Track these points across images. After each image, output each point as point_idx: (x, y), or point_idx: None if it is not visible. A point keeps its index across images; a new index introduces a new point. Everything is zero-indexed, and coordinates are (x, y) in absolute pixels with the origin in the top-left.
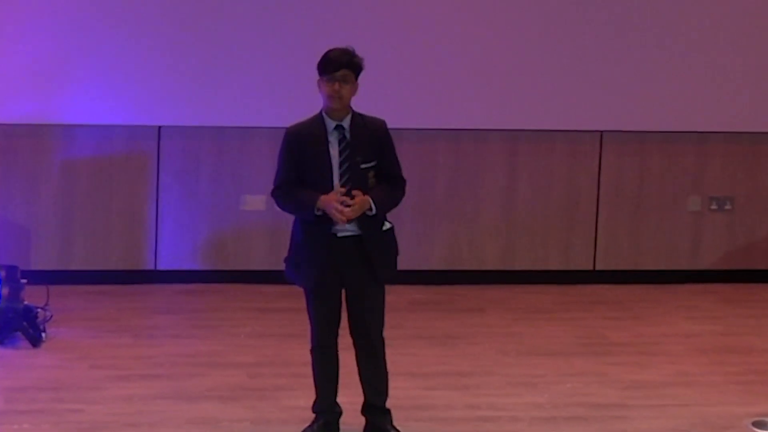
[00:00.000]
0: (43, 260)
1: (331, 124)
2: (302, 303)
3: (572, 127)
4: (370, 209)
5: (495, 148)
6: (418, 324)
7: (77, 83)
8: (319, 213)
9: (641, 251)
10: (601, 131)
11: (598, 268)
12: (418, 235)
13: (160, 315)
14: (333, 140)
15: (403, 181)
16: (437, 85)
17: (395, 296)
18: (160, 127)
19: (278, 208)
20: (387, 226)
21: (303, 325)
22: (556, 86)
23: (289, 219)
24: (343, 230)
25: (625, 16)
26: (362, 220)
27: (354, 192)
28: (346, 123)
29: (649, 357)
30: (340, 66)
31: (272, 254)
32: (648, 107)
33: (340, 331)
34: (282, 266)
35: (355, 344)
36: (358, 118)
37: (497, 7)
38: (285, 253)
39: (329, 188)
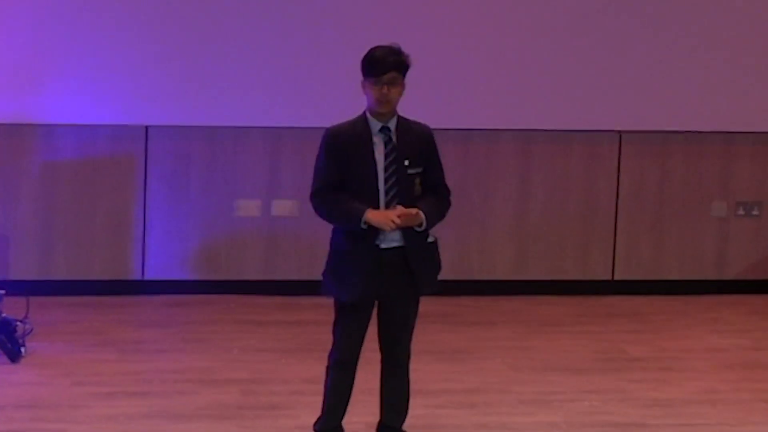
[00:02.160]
0: (22, 270)
1: (376, 125)
2: (299, 315)
3: (590, 127)
4: (420, 225)
5: (507, 149)
6: (424, 338)
7: (59, 80)
8: (365, 227)
9: (663, 260)
10: (621, 131)
11: (617, 277)
12: None
13: (148, 328)
14: (378, 142)
15: (449, 192)
16: (445, 82)
17: None
18: (147, 127)
19: (318, 215)
20: (431, 239)
21: (300, 339)
22: (573, 83)
23: (286, 226)
24: (387, 242)
25: (646, 10)
26: (406, 231)
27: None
28: (391, 125)
29: (672, 373)
30: (387, 68)
31: (268, 263)
32: (670, 106)
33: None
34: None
35: (382, 359)
36: (403, 122)
37: (509, 0)
38: (281, 262)
39: (373, 193)
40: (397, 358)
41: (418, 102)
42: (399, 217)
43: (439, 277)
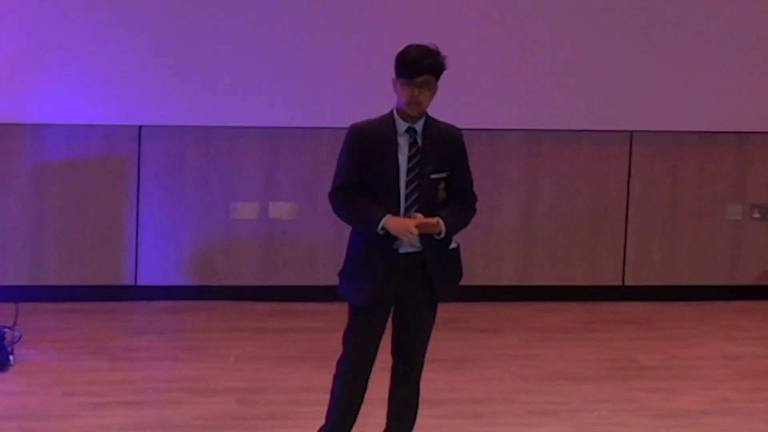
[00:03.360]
0: (10, 275)
1: (402, 125)
2: (298, 322)
3: (599, 127)
4: (439, 232)
5: (513, 149)
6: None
7: (48, 78)
8: (382, 233)
9: (675, 265)
10: (631, 131)
11: (627, 283)
12: None
13: (141, 335)
14: (403, 143)
15: (475, 198)
16: (448, 80)
17: None
18: (140, 127)
19: (336, 215)
20: (453, 245)
21: (299, 346)
22: (581, 81)
23: (284, 229)
24: (405, 246)
25: (657, 6)
26: (425, 237)
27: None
28: (418, 126)
29: (685, 382)
30: (421, 71)
31: (265, 268)
32: (683, 104)
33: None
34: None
35: (393, 366)
36: (432, 123)
37: None
38: (278, 267)
39: (394, 196)
40: (410, 366)
41: None
42: (417, 227)
43: None
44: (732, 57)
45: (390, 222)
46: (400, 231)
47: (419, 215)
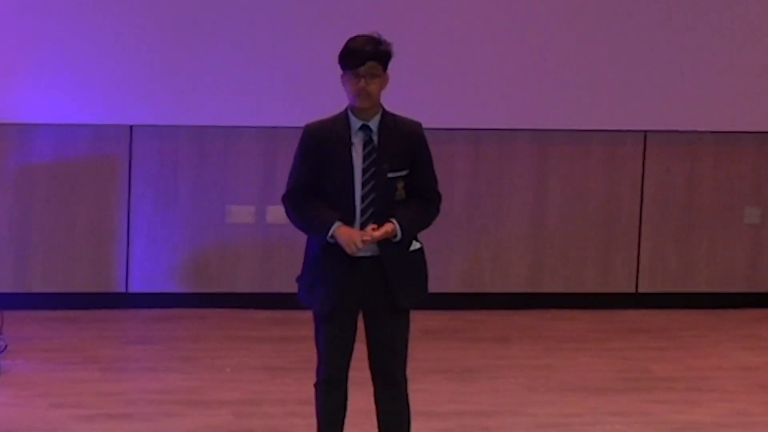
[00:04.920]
0: None
1: (356, 123)
2: (296, 330)
3: (611, 127)
4: (395, 236)
5: (522, 150)
6: (432, 355)
7: (35, 75)
8: (332, 241)
9: (691, 271)
10: (645, 131)
11: (641, 290)
12: (432, 253)
13: (132, 345)
14: (357, 142)
15: (438, 197)
16: (453, 78)
17: None
18: (131, 127)
19: (289, 221)
20: (416, 246)
21: (297, 356)
22: (593, 79)
23: (282, 234)
24: (363, 250)
25: (674, 0)
26: (382, 240)
27: (375, 227)
28: (374, 124)
29: (701, 394)
30: (364, 58)
31: (262, 274)
32: (699, 104)
33: (353, 363)
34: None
35: (373, 379)
36: (389, 119)
37: None
38: (276, 273)
39: (349, 198)
40: (388, 376)
41: (424, 99)
42: (364, 242)
43: (449, 290)
44: (750, 54)
45: (340, 231)
46: (346, 243)
47: (370, 229)
